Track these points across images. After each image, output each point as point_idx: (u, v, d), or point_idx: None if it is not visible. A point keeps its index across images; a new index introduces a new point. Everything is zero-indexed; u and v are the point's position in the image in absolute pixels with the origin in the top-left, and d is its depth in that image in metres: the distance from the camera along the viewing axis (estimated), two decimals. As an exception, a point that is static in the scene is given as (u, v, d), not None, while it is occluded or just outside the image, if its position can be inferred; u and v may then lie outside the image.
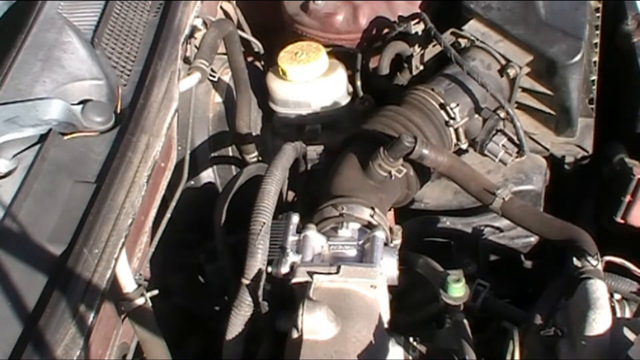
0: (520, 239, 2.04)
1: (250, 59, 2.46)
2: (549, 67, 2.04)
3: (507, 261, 2.07)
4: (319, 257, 1.64)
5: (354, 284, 1.47)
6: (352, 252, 1.65)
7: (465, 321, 1.58)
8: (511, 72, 2.07)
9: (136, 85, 1.70)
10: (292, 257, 1.61)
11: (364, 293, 1.47)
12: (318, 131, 2.24)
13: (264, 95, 2.31)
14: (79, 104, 1.60)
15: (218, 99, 2.31)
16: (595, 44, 2.20)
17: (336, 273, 1.48)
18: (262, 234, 1.56)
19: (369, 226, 1.73)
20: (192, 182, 2.20)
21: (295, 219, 1.72)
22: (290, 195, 2.06)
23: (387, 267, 1.59)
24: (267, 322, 1.62)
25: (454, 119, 1.98)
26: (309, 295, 1.43)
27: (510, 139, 1.97)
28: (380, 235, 1.65)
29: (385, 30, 2.35)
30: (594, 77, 2.17)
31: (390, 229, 1.76)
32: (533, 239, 2.04)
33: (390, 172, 1.79)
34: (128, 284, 1.47)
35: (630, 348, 1.33)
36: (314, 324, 1.34)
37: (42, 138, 1.54)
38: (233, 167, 2.33)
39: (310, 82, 2.22)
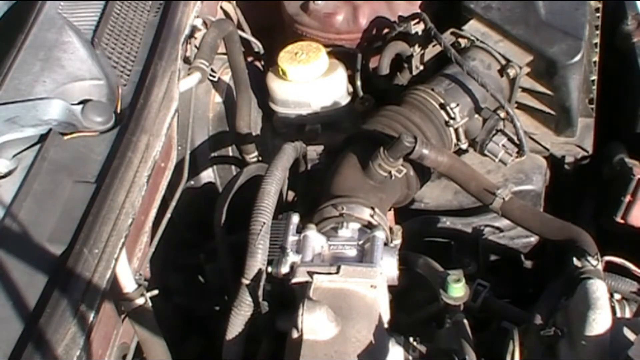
0: (520, 239, 2.04)
1: (250, 59, 2.46)
2: (549, 67, 2.04)
3: (507, 261, 2.07)
4: (319, 257, 1.64)
5: (354, 284, 1.47)
6: (352, 252, 1.64)
7: (465, 321, 1.58)
8: (511, 72, 2.07)
9: (136, 85, 1.70)
10: (292, 257, 1.61)
11: (364, 293, 1.46)
12: (318, 131, 2.24)
13: (264, 95, 2.31)
14: (79, 104, 1.60)
15: (218, 99, 2.30)
16: (595, 44, 2.20)
17: (336, 273, 1.48)
18: (262, 234, 1.56)
19: (369, 226, 1.73)
20: (192, 182, 2.20)
21: (295, 219, 1.72)
22: (290, 195, 2.06)
23: (387, 267, 1.59)
24: (267, 322, 1.62)
25: (454, 119, 1.98)
26: (309, 295, 1.43)
27: (510, 139, 1.97)
28: (380, 235, 1.65)
29: (385, 30, 2.35)
30: (594, 77, 2.17)
31: (390, 229, 1.76)
32: (533, 239, 2.04)
33: (390, 172, 1.79)
34: (128, 284, 1.47)
35: (630, 348, 1.33)
36: (314, 324, 1.34)
37: (42, 138, 1.54)
38: (233, 167, 2.33)
39: (310, 82, 2.22)
